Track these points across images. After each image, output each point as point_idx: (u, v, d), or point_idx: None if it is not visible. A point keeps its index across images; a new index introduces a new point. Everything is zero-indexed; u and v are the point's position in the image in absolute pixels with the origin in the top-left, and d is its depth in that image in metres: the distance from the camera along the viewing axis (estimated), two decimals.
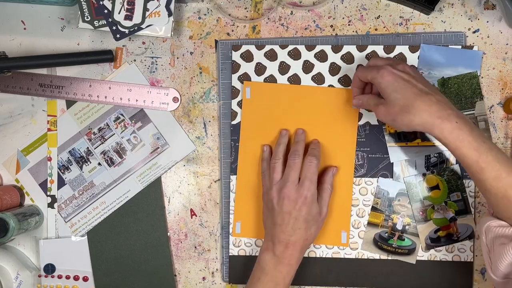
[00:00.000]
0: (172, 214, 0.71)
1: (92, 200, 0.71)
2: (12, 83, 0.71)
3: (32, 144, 0.72)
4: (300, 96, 0.67)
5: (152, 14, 0.66)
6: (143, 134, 0.71)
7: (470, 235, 0.66)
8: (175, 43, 0.70)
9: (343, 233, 0.67)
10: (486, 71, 0.67)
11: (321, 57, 0.67)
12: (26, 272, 0.70)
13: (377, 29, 0.68)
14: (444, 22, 0.67)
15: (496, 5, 0.66)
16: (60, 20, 0.71)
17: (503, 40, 0.66)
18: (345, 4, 0.68)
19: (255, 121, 0.67)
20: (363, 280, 0.68)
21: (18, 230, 0.66)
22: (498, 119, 0.67)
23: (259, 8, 0.69)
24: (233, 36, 0.70)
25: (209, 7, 0.70)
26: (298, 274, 0.68)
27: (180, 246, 0.71)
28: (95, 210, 0.71)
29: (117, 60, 0.71)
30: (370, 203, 0.67)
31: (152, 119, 0.71)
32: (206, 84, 0.70)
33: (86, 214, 0.71)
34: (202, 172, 0.71)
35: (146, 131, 0.71)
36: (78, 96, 0.71)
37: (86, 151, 0.71)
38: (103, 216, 0.71)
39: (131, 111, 0.71)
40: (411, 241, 0.67)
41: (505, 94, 0.67)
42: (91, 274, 0.72)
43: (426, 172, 0.67)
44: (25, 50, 0.72)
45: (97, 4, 0.66)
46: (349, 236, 0.67)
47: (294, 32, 0.69)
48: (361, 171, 0.67)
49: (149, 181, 0.71)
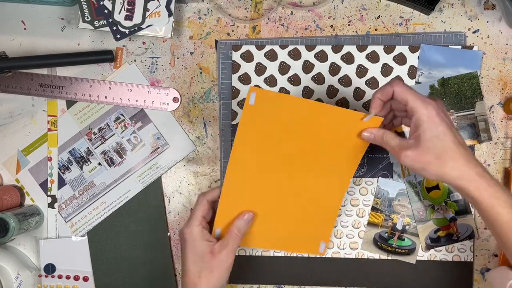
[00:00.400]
0: (172, 214, 0.71)
1: (92, 200, 0.71)
2: (12, 83, 0.71)
3: (32, 144, 0.72)
4: (309, 113, 0.55)
5: (152, 14, 0.66)
6: (143, 134, 0.71)
7: (470, 235, 0.66)
8: (175, 43, 0.70)
9: (322, 243, 0.64)
10: (486, 71, 0.67)
11: (321, 57, 0.68)
12: (26, 272, 0.70)
13: (377, 29, 0.68)
14: (444, 22, 0.67)
15: (496, 5, 0.66)
16: (60, 20, 0.71)
17: (503, 40, 0.66)
18: (345, 4, 0.68)
19: (253, 130, 0.57)
20: (363, 280, 0.68)
21: (18, 230, 0.66)
22: (498, 119, 0.67)
23: (259, 8, 0.69)
24: (233, 36, 0.70)
25: (209, 7, 0.70)
26: (298, 274, 0.68)
27: (180, 246, 0.71)
28: (95, 210, 0.71)
29: (117, 60, 0.71)
30: (370, 203, 0.67)
31: (152, 119, 0.71)
32: (206, 84, 0.70)
33: (87, 214, 0.71)
34: (202, 172, 0.71)
35: (146, 131, 0.71)
36: (78, 96, 0.71)
37: (86, 151, 0.71)
38: (103, 216, 0.71)
39: (131, 111, 0.71)
40: (411, 241, 0.67)
41: (505, 94, 0.67)
42: (91, 274, 0.72)
43: None
44: (25, 50, 0.72)
45: (97, 4, 0.66)
46: (327, 246, 0.66)
47: (294, 32, 0.69)
48: (361, 171, 0.67)
49: (149, 181, 0.71)
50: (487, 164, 0.67)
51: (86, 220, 0.71)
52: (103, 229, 0.71)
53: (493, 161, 0.67)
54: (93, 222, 0.71)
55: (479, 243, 0.67)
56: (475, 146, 0.66)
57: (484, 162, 0.67)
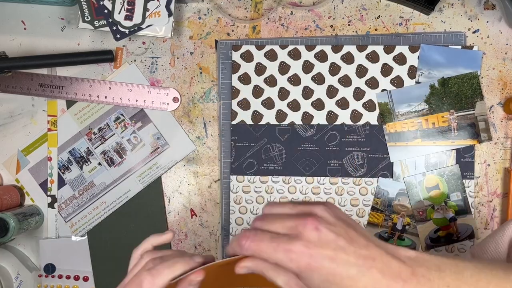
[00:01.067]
0: (172, 214, 0.71)
1: (92, 200, 0.71)
2: (12, 83, 0.71)
3: (32, 144, 0.72)
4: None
5: (152, 14, 0.66)
6: (143, 134, 0.71)
7: (470, 235, 0.66)
8: (175, 43, 0.70)
9: None
10: (486, 71, 0.67)
11: (321, 57, 0.68)
12: (26, 272, 0.70)
13: (377, 29, 0.68)
14: (444, 22, 0.67)
15: (496, 5, 0.66)
16: (60, 20, 0.71)
17: (503, 40, 0.66)
18: (345, 4, 0.68)
19: None
20: None
21: (18, 230, 0.66)
22: (498, 119, 0.67)
23: (259, 8, 0.69)
24: (233, 36, 0.70)
25: (209, 7, 0.70)
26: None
27: (180, 246, 0.71)
28: (95, 210, 0.71)
29: (117, 60, 0.71)
30: (370, 203, 0.67)
31: (152, 119, 0.71)
32: (206, 84, 0.70)
33: (87, 214, 0.71)
34: (202, 172, 0.71)
35: (146, 131, 0.71)
36: (78, 96, 0.71)
37: (86, 151, 0.71)
38: (103, 216, 0.71)
39: (131, 111, 0.71)
40: (411, 241, 0.67)
41: (505, 94, 0.67)
42: (91, 274, 0.72)
43: (426, 172, 0.67)
44: (25, 50, 0.72)
45: (97, 4, 0.66)
46: None
47: (294, 32, 0.69)
48: (361, 171, 0.67)
49: (149, 181, 0.71)
50: (487, 164, 0.67)
51: (86, 220, 0.71)
52: (103, 229, 0.71)
53: (493, 161, 0.67)
54: (93, 222, 0.71)
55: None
56: (475, 146, 0.66)
57: (484, 162, 0.67)
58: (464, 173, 0.66)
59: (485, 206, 0.67)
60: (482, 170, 0.67)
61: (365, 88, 0.67)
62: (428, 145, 0.66)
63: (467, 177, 0.66)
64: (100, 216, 0.71)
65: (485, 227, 0.67)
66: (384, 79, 0.67)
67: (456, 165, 0.66)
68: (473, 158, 0.66)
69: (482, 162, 0.67)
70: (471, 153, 0.66)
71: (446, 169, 0.66)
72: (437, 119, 0.66)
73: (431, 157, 0.66)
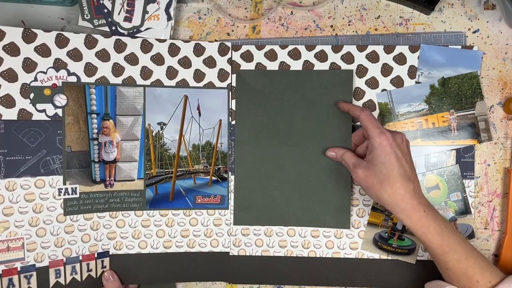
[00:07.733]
0: None
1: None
2: None
3: None
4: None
5: (151, 17, 0.66)
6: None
7: (470, 235, 0.67)
8: None
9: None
10: (486, 71, 0.67)
11: (321, 57, 0.68)
12: None
13: (377, 29, 0.68)
14: (444, 22, 0.67)
15: (496, 5, 0.66)
16: (60, 20, 0.71)
17: (503, 40, 0.66)
18: (345, 4, 0.68)
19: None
20: (363, 280, 0.68)
21: None
22: (498, 119, 0.67)
23: (259, 8, 0.69)
24: (233, 36, 0.70)
25: (209, 7, 0.70)
26: (298, 274, 0.68)
27: None
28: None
29: None
30: (370, 203, 0.68)
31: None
32: None
33: None
34: None
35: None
36: None
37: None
38: None
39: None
40: (411, 241, 0.67)
41: (505, 94, 0.67)
42: None
43: (426, 172, 0.67)
44: None
45: (97, 2, 0.66)
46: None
47: (294, 32, 0.69)
48: None
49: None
50: (487, 164, 0.67)
51: None
52: None
53: (493, 161, 0.67)
54: None
55: (479, 243, 0.67)
56: (475, 146, 0.67)
57: (484, 162, 0.67)
58: (464, 173, 0.66)
59: (485, 206, 0.67)
60: (482, 170, 0.67)
61: (365, 88, 0.67)
62: (428, 145, 0.66)
63: (467, 177, 0.66)
64: None
65: (485, 227, 0.67)
66: (384, 79, 0.67)
67: (456, 165, 0.66)
68: (473, 158, 0.67)
69: (482, 162, 0.67)
70: (471, 153, 0.67)
71: (446, 169, 0.66)
72: (437, 119, 0.66)
73: (431, 157, 0.67)
